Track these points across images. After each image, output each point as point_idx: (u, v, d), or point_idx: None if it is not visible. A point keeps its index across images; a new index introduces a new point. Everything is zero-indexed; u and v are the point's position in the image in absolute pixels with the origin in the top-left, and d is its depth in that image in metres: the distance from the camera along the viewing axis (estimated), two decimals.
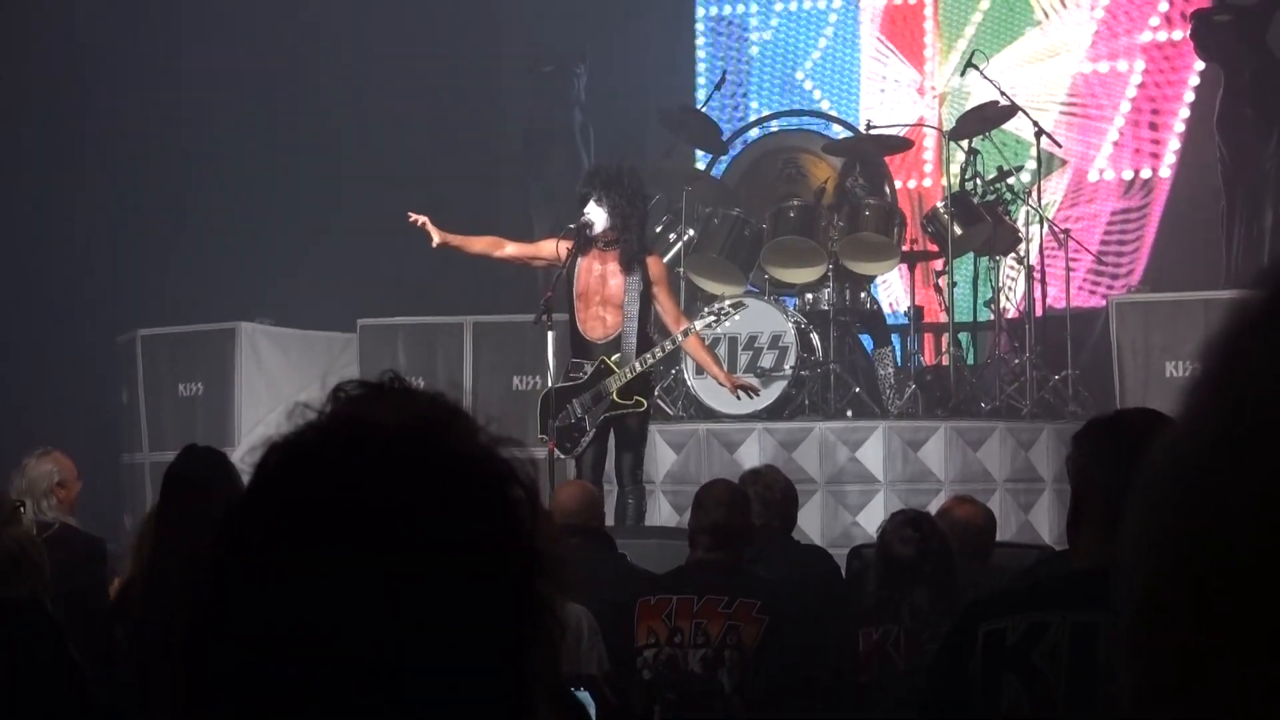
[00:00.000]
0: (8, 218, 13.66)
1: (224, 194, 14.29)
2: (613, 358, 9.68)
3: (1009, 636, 3.13)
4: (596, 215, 9.69)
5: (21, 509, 6.97)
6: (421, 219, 10.13)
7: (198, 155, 14.22)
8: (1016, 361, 11.63)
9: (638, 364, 9.65)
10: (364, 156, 14.31)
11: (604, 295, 9.76)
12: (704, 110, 13.32)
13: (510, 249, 10.29)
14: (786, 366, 11.06)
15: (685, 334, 9.76)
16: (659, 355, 9.77)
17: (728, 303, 10.12)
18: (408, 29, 14.54)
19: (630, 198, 9.73)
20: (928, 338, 12.97)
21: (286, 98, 14.40)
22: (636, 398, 9.70)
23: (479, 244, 10.32)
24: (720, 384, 10.21)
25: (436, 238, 10.10)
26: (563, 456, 9.81)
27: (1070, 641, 3.08)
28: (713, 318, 10.02)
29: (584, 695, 2.61)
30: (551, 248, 10.01)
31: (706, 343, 11.12)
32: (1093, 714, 3.03)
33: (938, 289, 12.00)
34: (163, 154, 14.18)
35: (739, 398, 10.18)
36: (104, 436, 13.27)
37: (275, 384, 12.91)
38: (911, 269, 12.20)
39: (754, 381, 10.41)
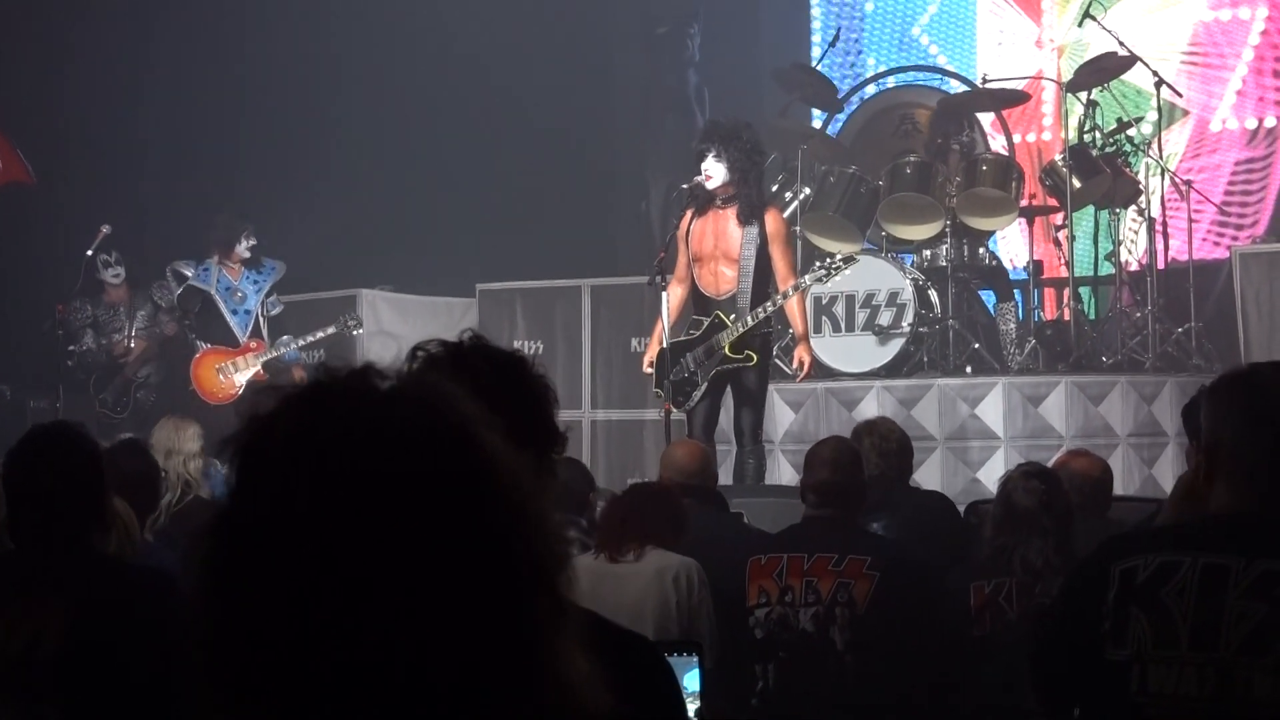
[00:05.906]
0: (140, 197, 13.89)
1: (344, 163, 14.41)
2: (729, 314, 9.65)
3: (1140, 574, 3.18)
4: (714, 170, 9.63)
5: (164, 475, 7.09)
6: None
7: (322, 126, 14.36)
8: (1138, 315, 11.50)
9: (749, 318, 9.60)
10: (481, 124, 14.37)
11: (722, 251, 9.70)
12: (819, 68, 13.25)
13: (677, 286, 9.87)
14: (904, 324, 11.00)
15: (786, 295, 9.63)
16: (769, 310, 9.66)
17: (839, 257, 9.99)
18: None
19: (747, 151, 9.66)
20: (1048, 292, 12.86)
21: (402, 67, 14.49)
22: (748, 352, 9.62)
23: (675, 311, 9.86)
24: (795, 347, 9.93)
25: (646, 362, 9.97)
26: (677, 412, 9.77)
27: (1200, 581, 3.13)
28: (823, 271, 9.81)
29: (679, 659, 2.62)
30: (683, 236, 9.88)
31: (824, 300, 11.10)
32: (1215, 652, 3.08)
33: (1057, 243, 11.89)
34: (290, 126, 14.33)
35: (794, 367, 9.85)
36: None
37: (396, 349, 12.99)
38: (1030, 223, 12.09)
39: (807, 368, 9.81)
